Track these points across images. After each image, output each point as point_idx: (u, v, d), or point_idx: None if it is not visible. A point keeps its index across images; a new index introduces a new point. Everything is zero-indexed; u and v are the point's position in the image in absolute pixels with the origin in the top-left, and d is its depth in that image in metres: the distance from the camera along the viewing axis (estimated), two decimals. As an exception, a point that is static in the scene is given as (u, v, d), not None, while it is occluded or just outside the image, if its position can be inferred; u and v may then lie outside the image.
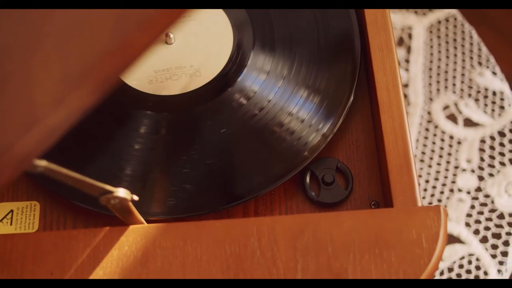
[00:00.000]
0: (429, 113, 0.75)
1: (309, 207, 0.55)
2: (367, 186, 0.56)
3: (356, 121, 0.58)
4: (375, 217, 0.51)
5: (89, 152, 0.57)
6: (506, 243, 0.70)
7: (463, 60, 0.78)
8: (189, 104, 0.57)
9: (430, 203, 0.72)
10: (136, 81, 0.57)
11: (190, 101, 0.57)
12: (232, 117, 0.56)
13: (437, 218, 0.51)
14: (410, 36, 0.78)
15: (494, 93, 0.76)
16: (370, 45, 0.57)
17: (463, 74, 0.77)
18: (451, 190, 0.72)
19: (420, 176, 0.73)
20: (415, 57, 0.77)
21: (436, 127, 0.75)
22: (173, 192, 0.55)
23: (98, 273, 0.49)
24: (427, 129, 0.75)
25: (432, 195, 0.72)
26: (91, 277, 0.49)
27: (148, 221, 0.52)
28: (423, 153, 0.74)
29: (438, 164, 0.73)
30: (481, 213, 0.72)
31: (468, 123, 0.75)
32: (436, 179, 0.73)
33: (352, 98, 0.57)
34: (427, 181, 0.73)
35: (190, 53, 0.58)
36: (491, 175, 0.73)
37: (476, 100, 0.76)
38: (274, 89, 0.57)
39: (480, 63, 0.77)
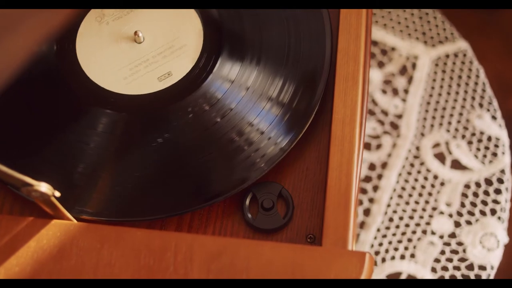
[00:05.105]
0: (417, 148, 0.73)
1: (244, 230, 0.55)
2: (307, 217, 0.55)
3: (311, 149, 0.57)
4: (297, 253, 0.50)
5: (42, 146, 0.57)
6: (469, 296, 0.67)
7: (464, 99, 0.75)
8: (150, 106, 0.57)
9: (400, 241, 0.70)
10: (98, 77, 0.57)
11: (151, 103, 0.57)
12: (192, 123, 0.56)
13: (360, 265, 0.49)
14: (414, 66, 0.76)
15: (489, 139, 0.73)
16: (336, 74, 0.56)
17: (461, 114, 0.74)
18: (424, 232, 0.70)
19: (395, 211, 0.71)
20: (415, 88, 0.75)
21: (422, 164, 0.72)
22: (112, 195, 0.55)
23: (12, 262, 0.50)
24: (412, 165, 0.72)
25: (403, 233, 0.70)
26: (4, 265, 0.50)
27: (80, 220, 0.52)
28: (403, 188, 0.72)
29: (416, 202, 0.71)
30: (450, 260, 0.69)
31: (456, 165, 0.72)
32: (411, 217, 0.71)
33: (314, 114, 0.56)
34: (401, 218, 0.71)
35: (158, 54, 0.58)
36: (468, 222, 0.70)
37: (469, 142, 0.73)
38: (237, 98, 0.56)
39: (481, 105, 0.74)
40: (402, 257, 0.69)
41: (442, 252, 0.70)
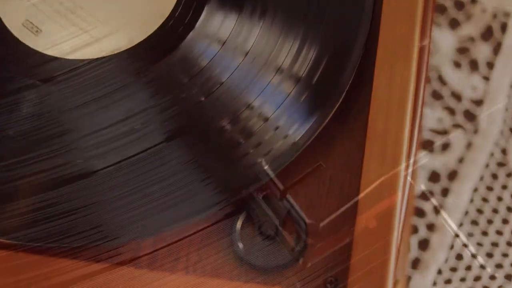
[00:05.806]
0: (504, 151, 0.73)
1: (231, 267, 0.55)
2: (328, 252, 0.55)
3: (337, 149, 0.57)
4: (307, 305, 0.50)
5: None
6: None
7: None
8: (101, 76, 0.57)
9: (471, 291, 0.70)
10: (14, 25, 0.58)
11: (104, 72, 0.57)
12: (163, 103, 0.56)
13: (401, 327, 0.49)
14: (503, 27, 0.76)
15: None
16: (380, 38, 0.56)
17: None
18: (508, 277, 0.70)
19: (465, 245, 0.71)
20: (504, 61, 0.75)
21: (509, 175, 0.73)
22: (36, 209, 0.55)
23: None
24: (494, 176, 0.73)
25: (477, 279, 0.70)
26: None
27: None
28: (480, 211, 0.72)
29: (499, 232, 0.72)
30: (545, 322, 0.69)
31: (562, 179, 0.73)
32: (489, 255, 0.71)
33: (343, 96, 0.57)
34: (473, 256, 0.71)
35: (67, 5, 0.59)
36: None
37: None
38: (230, 67, 0.57)
39: None
40: (474, 314, 0.69)
41: (534, 310, 0.70)
